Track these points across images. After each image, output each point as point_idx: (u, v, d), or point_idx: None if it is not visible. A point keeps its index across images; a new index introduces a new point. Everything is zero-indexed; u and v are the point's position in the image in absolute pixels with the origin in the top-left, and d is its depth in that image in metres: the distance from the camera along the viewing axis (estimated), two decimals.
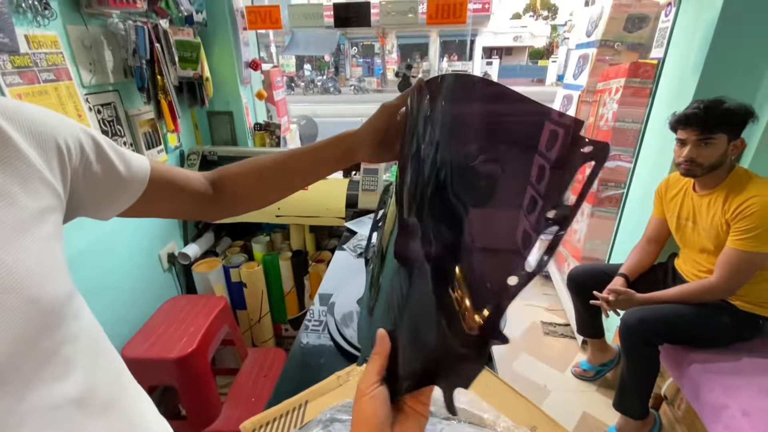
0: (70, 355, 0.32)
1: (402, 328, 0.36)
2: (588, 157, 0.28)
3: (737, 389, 1.19)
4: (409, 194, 0.40)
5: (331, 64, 19.77)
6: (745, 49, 1.37)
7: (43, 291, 0.30)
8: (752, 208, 1.21)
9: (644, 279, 1.56)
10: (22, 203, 0.30)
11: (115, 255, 1.42)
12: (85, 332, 0.35)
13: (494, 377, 0.76)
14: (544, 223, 0.28)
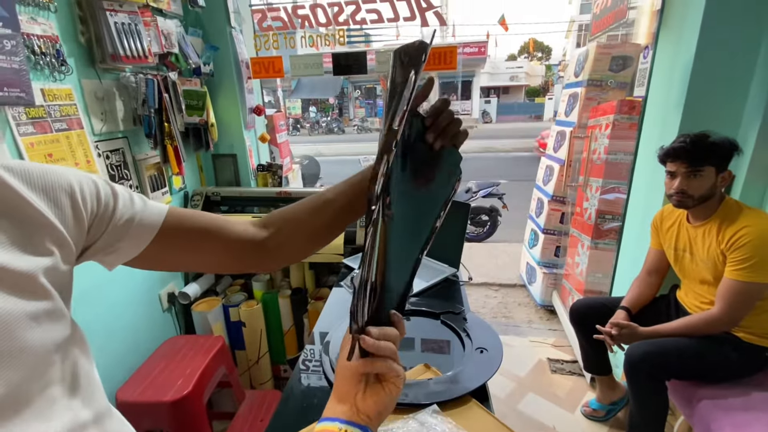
0: (56, 395, 0.34)
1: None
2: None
3: (748, 426, 1.14)
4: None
5: (335, 106, 20.54)
6: (723, 86, 1.44)
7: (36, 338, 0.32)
8: (745, 239, 1.22)
9: (647, 311, 1.54)
10: (26, 256, 0.32)
11: (114, 295, 1.44)
12: (69, 376, 0.36)
13: (490, 416, 0.75)
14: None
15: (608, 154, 2.12)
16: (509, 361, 2.18)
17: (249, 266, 0.53)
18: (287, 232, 0.52)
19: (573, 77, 2.66)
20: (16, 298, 0.31)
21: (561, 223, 2.74)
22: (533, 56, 24.37)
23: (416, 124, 0.45)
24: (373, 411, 0.39)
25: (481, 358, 0.90)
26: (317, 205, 0.52)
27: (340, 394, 0.40)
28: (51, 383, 0.34)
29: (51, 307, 0.34)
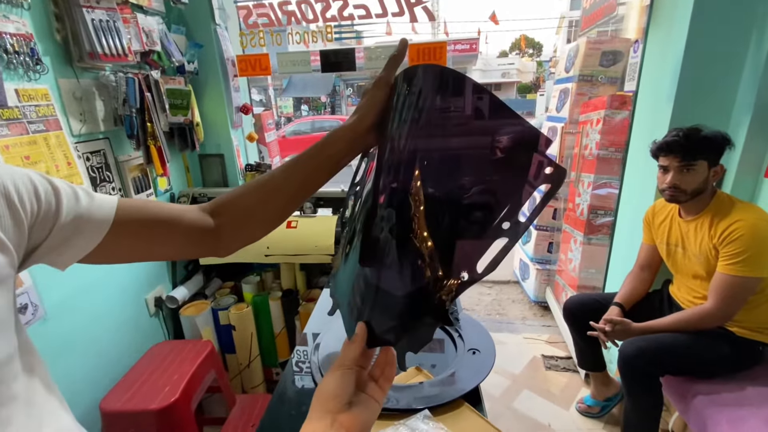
0: (4, 417, 0.31)
1: (379, 297, 0.40)
2: (548, 179, 0.32)
3: (743, 421, 1.14)
4: (398, 183, 0.41)
5: (327, 105, 20.43)
6: (713, 79, 1.43)
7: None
8: (737, 233, 1.21)
9: (640, 307, 1.53)
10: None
11: (99, 301, 1.40)
12: (23, 394, 0.34)
13: (482, 420, 0.73)
14: (499, 231, 0.34)
15: (600, 149, 2.11)
16: (503, 359, 2.18)
17: (203, 253, 0.52)
18: (240, 220, 0.50)
19: (564, 73, 2.65)
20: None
21: (554, 219, 2.74)
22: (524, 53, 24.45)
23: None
24: (357, 428, 0.36)
25: (474, 360, 0.88)
26: (268, 192, 0.49)
27: (322, 408, 0.37)
28: (9, 400, 0.32)
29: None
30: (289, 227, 1.67)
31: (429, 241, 0.37)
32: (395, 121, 0.44)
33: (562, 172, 0.32)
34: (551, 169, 0.32)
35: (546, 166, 0.33)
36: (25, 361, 0.35)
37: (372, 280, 0.41)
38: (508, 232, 0.33)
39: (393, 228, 0.39)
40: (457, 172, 0.38)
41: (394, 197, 0.40)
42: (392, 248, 0.39)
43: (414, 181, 0.39)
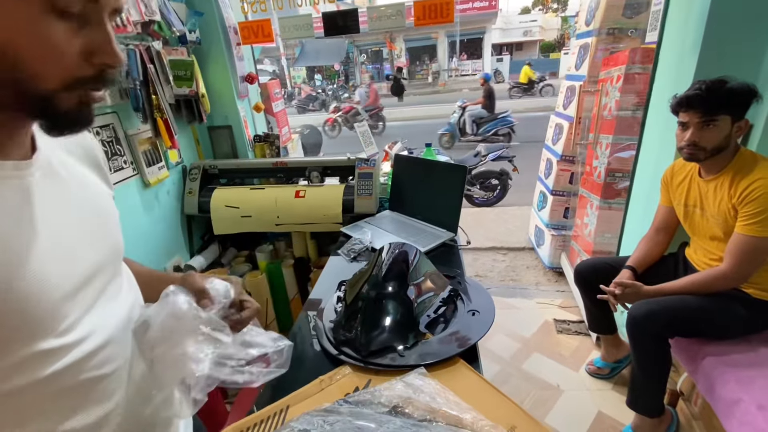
0: (121, 281, 0.54)
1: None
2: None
3: (752, 382, 1.13)
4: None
5: (341, 73, 19.98)
6: (743, 25, 1.31)
7: (116, 238, 0.54)
8: (758, 191, 1.15)
9: (654, 270, 1.50)
10: (102, 187, 0.55)
11: None
12: (125, 274, 0.56)
13: (476, 376, 0.75)
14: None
15: (619, 108, 2.01)
16: (515, 323, 2.20)
17: None
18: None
19: (584, 27, 2.49)
20: (112, 201, 0.56)
21: (570, 184, 2.66)
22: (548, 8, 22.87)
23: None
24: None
25: (473, 320, 0.90)
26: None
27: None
28: (119, 273, 0.54)
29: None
30: (298, 197, 1.69)
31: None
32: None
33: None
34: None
35: None
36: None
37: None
38: None
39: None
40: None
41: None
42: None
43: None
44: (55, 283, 0.41)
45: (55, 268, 0.42)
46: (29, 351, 0.39)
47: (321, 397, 0.74)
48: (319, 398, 0.74)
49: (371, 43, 19.89)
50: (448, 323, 0.93)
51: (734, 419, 1.10)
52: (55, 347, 0.41)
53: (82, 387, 0.44)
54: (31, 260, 0.39)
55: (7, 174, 0.40)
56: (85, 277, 0.46)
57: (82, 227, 0.47)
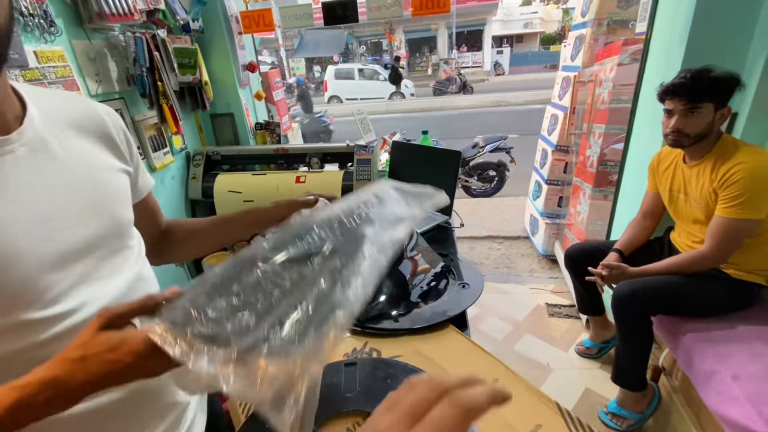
0: (127, 256, 0.55)
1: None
2: None
3: (729, 355, 1.20)
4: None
5: (340, 64, 19.87)
6: (730, 16, 1.36)
7: (117, 210, 0.54)
8: (737, 175, 1.21)
9: (640, 253, 1.57)
10: (110, 162, 0.55)
11: None
12: (135, 249, 0.57)
13: (465, 338, 0.82)
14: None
15: (612, 98, 2.06)
16: (508, 307, 2.27)
17: (150, 250, 0.66)
18: (182, 242, 0.72)
19: (580, 18, 2.52)
20: (124, 176, 0.58)
21: (564, 173, 2.72)
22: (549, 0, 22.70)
23: None
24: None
25: (463, 292, 0.96)
26: (203, 235, 0.72)
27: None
28: (125, 247, 0.55)
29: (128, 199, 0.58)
30: (298, 182, 1.74)
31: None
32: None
33: None
34: None
35: None
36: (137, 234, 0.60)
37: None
38: None
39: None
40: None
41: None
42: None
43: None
44: (30, 256, 0.42)
45: (30, 242, 0.42)
46: (13, 320, 0.41)
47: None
48: None
49: (371, 34, 19.77)
50: (440, 295, 0.99)
51: (711, 390, 1.17)
52: (43, 317, 0.43)
53: None
54: (1, 234, 0.40)
55: None
56: (75, 250, 0.47)
57: (71, 202, 0.48)
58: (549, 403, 0.65)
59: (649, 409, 1.48)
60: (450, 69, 13.18)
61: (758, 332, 1.26)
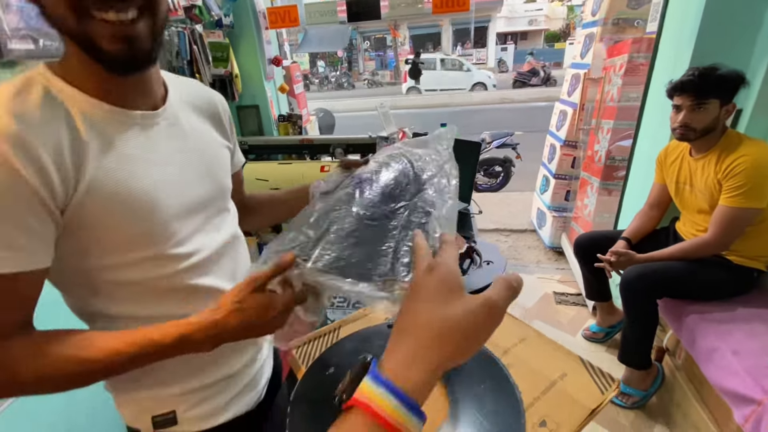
0: (226, 217, 0.66)
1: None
2: None
3: (729, 333, 1.29)
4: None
5: (344, 60, 19.91)
6: (737, 18, 1.45)
7: (222, 177, 0.65)
8: (741, 167, 1.30)
9: (647, 242, 1.66)
10: (218, 139, 0.67)
11: None
12: (231, 212, 0.69)
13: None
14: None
15: (621, 95, 2.14)
16: None
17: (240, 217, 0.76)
18: (259, 210, 0.83)
19: (590, 17, 2.60)
20: (227, 151, 0.69)
21: (572, 168, 2.80)
22: None
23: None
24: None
25: (488, 268, 1.06)
26: (271, 209, 0.84)
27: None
28: (225, 209, 0.66)
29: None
30: (323, 171, 1.83)
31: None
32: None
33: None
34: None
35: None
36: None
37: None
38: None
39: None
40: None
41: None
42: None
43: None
44: (167, 205, 0.53)
45: (168, 194, 0.54)
46: (148, 254, 0.53)
47: (366, 321, 0.90)
48: (364, 321, 0.90)
49: (375, 30, 19.77)
50: (466, 272, 1.09)
51: (712, 364, 1.27)
52: (172, 254, 0.55)
53: (194, 289, 0.58)
54: (148, 185, 0.52)
55: (135, 121, 0.53)
56: (194, 205, 0.58)
57: (192, 168, 0.59)
58: (572, 356, 0.75)
59: (653, 387, 1.57)
60: (534, 60, 12.82)
61: (758, 314, 1.36)
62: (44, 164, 0.44)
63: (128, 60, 0.47)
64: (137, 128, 0.53)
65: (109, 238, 0.51)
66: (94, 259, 0.51)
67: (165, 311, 0.55)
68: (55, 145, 0.45)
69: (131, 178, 0.51)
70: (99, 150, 0.49)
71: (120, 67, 0.48)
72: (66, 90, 0.48)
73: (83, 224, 0.48)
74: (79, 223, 0.48)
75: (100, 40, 0.45)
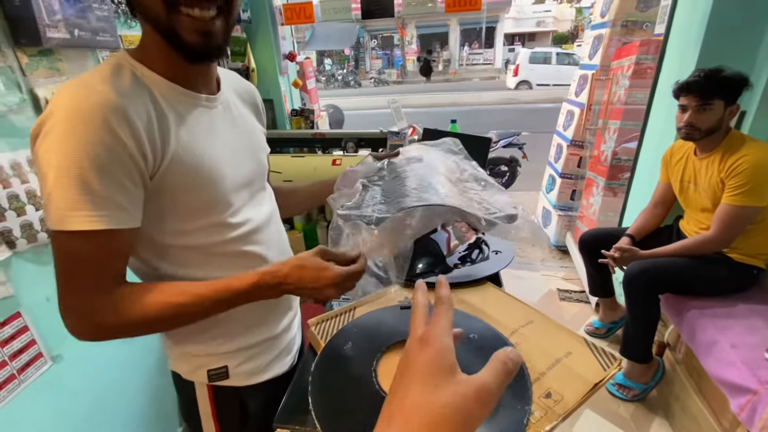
0: (265, 194, 0.74)
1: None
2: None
3: (728, 328, 1.33)
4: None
5: (351, 58, 19.94)
6: (742, 22, 1.48)
7: (262, 158, 0.73)
8: (743, 166, 1.34)
9: (651, 239, 1.69)
10: (257, 124, 0.75)
11: None
12: (269, 190, 0.77)
13: (501, 292, 0.96)
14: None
15: (628, 96, 2.17)
16: (520, 291, 2.41)
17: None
18: (282, 200, 0.86)
19: (599, 18, 2.64)
20: (263, 136, 0.77)
21: (578, 167, 2.84)
22: None
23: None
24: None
25: (497, 257, 1.10)
26: (294, 199, 0.91)
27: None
28: (264, 187, 0.75)
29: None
30: (335, 164, 1.88)
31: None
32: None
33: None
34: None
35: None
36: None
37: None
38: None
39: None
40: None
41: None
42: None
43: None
44: (227, 178, 0.62)
45: (227, 168, 0.62)
46: (211, 221, 0.62)
47: (380, 303, 0.95)
48: (378, 303, 0.95)
49: (382, 28, 19.78)
50: (475, 261, 1.14)
51: (711, 357, 1.31)
52: (231, 222, 0.64)
53: (244, 255, 0.67)
54: (214, 159, 0.60)
55: (202, 103, 0.61)
56: (246, 179, 0.67)
57: (242, 148, 0.67)
58: (577, 338, 0.79)
59: (654, 381, 1.61)
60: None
61: (757, 310, 1.40)
62: (140, 134, 0.50)
63: (205, 51, 0.55)
64: (202, 109, 0.61)
65: (182, 205, 0.58)
66: (167, 224, 0.58)
67: (220, 274, 0.61)
68: (146, 118, 0.52)
69: (204, 153, 0.58)
70: (176, 125, 0.56)
71: (197, 56, 0.55)
72: (147, 73, 0.55)
73: (164, 191, 0.55)
74: (161, 189, 0.55)
75: (184, 32, 0.52)
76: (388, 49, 20.79)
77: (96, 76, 0.51)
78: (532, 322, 0.85)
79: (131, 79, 0.53)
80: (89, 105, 0.47)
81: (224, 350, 0.70)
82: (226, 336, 0.70)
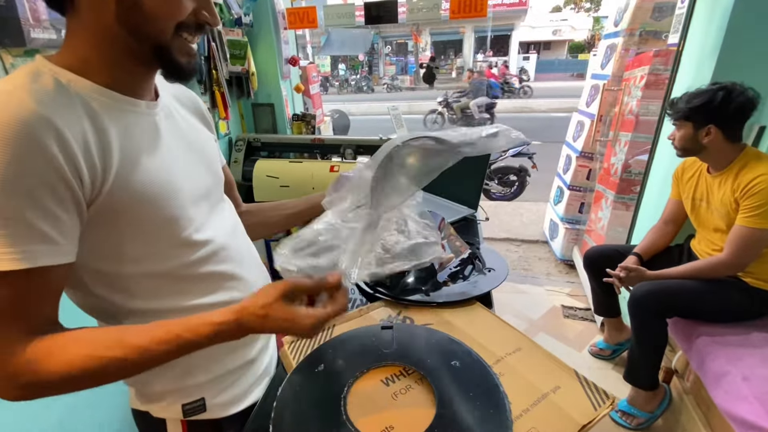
0: (225, 205, 0.70)
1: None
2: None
3: (740, 358, 1.24)
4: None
5: (364, 64, 20.07)
6: (760, 32, 1.40)
7: (217, 168, 0.68)
8: (758, 186, 1.25)
9: (660, 258, 1.61)
10: (205, 132, 0.69)
11: None
12: (228, 202, 0.72)
13: (490, 313, 0.90)
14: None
15: (640, 107, 2.09)
16: (524, 306, 2.33)
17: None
18: (256, 219, 0.83)
19: (612, 27, 2.56)
20: (215, 144, 0.71)
21: (587, 180, 2.75)
22: (580, 7, 22.38)
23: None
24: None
25: (489, 275, 1.04)
26: (273, 219, 0.85)
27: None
28: (223, 199, 0.70)
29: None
30: (332, 171, 1.85)
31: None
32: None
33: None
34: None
35: None
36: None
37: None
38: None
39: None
40: None
41: None
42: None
43: None
44: (183, 191, 0.57)
45: (182, 180, 0.57)
46: (174, 240, 0.56)
47: (362, 321, 0.90)
48: (360, 321, 0.89)
49: (397, 35, 19.89)
50: (467, 278, 1.08)
51: (721, 389, 1.22)
52: (191, 240, 0.58)
53: (211, 276, 0.62)
54: (166, 171, 0.55)
55: (143, 111, 0.55)
56: (203, 191, 0.62)
57: (193, 158, 0.62)
58: (567, 370, 0.72)
59: (659, 409, 1.52)
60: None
61: None
62: (74, 152, 0.43)
63: (191, 70, 0.55)
64: (145, 117, 0.55)
65: (139, 227, 0.52)
66: (126, 250, 0.52)
67: (189, 303, 0.58)
68: (81, 134, 0.45)
69: (153, 166, 0.53)
70: (119, 139, 0.50)
71: (185, 75, 0.55)
72: (74, 79, 0.48)
73: (116, 213, 0.49)
74: (110, 213, 0.49)
75: (177, 53, 0.52)
76: (402, 55, 20.88)
77: (7, 83, 0.43)
78: (521, 349, 0.79)
79: (54, 86, 0.45)
80: (7, 117, 0.39)
81: (200, 381, 0.64)
82: (201, 366, 0.64)
